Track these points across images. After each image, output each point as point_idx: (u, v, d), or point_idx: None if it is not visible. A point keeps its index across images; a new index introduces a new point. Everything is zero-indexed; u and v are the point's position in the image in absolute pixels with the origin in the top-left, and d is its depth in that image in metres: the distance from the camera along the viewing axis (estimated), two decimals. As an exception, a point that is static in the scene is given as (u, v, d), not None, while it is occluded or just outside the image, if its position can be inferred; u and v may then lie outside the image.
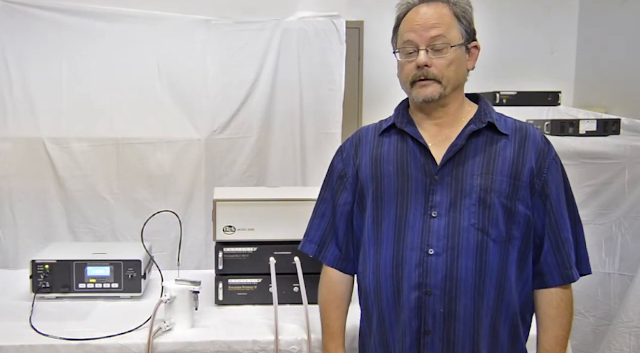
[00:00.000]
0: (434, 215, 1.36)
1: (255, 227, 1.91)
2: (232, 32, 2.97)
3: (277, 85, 3.02)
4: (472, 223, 1.34)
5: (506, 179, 1.35)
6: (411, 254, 1.37)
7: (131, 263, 1.94)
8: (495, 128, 1.39)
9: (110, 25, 2.90)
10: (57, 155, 2.89)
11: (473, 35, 1.41)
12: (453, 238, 1.34)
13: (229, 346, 1.66)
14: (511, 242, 1.35)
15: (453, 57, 1.36)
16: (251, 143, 3.03)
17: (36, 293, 1.89)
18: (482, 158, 1.37)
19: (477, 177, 1.35)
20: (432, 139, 1.42)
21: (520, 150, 1.38)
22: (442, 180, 1.37)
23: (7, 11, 2.82)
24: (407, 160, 1.42)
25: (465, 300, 1.34)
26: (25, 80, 2.87)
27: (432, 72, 1.36)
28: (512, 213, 1.35)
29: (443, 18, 1.36)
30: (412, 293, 1.36)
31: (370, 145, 1.50)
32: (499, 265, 1.34)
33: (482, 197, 1.34)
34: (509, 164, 1.36)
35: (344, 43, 3.00)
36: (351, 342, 1.65)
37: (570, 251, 1.39)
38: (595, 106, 3.19)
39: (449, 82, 1.37)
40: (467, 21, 1.39)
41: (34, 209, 2.91)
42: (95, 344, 1.62)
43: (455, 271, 1.33)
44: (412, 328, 1.37)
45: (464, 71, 1.41)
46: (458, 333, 1.35)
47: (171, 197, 2.96)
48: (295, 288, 1.90)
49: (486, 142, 1.39)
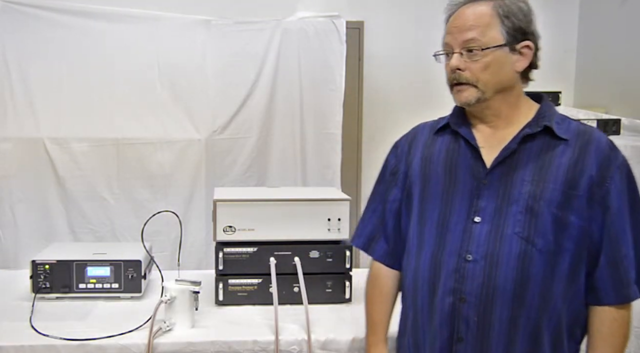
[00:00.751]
0: (477, 220, 1.31)
1: (255, 227, 1.91)
2: (232, 32, 2.97)
3: (277, 85, 3.02)
4: (516, 231, 1.28)
5: (559, 187, 1.27)
6: (449, 258, 1.33)
7: (131, 263, 1.94)
8: (553, 132, 1.31)
9: (110, 25, 2.90)
10: (57, 155, 2.89)
11: (522, 35, 1.31)
12: (494, 246, 1.29)
13: (229, 346, 1.66)
14: (560, 253, 1.27)
15: (489, 59, 1.30)
16: (251, 143, 3.03)
17: (36, 293, 1.88)
18: (535, 164, 1.30)
19: (527, 184, 1.28)
20: (485, 141, 1.36)
21: (579, 157, 1.28)
22: (489, 185, 1.32)
23: (7, 11, 2.83)
24: (457, 161, 1.38)
25: (501, 309, 1.28)
26: (25, 80, 2.87)
27: (465, 75, 1.32)
28: (563, 224, 1.27)
29: (481, 18, 1.30)
30: (446, 298, 1.33)
31: (423, 143, 1.47)
32: (543, 276, 1.27)
33: (529, 205, 1.27)
34: (563, 171, 1.28)
35: (344, 43, 3.00)
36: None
37: (629, 267, 1.29)
38: (595, 106, 3.19)
39: (486, 86, 1.31)
40: (513, 20, 1.30)
41: (34, 209, 2.91)
42: (95, 344, 1.62)
43: (493, 279, 1.28)
44: (442, 333, 1.34)
45: (508, 73, 1.32)
46: (491, 342, 1.29)
47: (171, 197, 2.96)
48: (295, 288, 1.90)
49: (542, 146, 1.31)
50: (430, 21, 3.52)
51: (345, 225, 1.93)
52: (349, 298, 1.95)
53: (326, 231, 1.93)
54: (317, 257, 1.92)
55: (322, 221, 1.93)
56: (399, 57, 3.34)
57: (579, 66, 3.43)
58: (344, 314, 1.85)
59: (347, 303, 1.95)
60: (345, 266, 1.94)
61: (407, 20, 3.34)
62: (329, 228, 1.93)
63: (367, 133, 3.25)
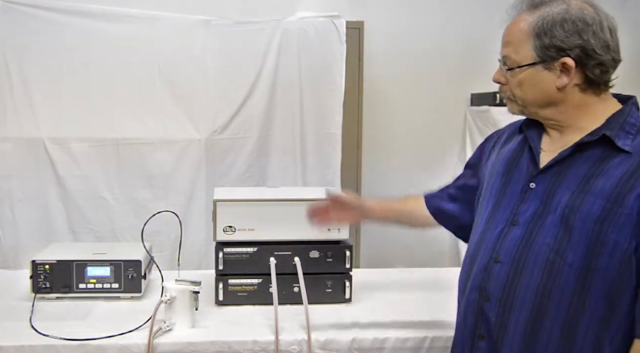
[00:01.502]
0: (514, 223, 1.29)
1: (255, 227, 1.91)
2: (232, 32, 2.97)
3: (277, 85, 3.02)
4: (547, 242, 1.23)
5: (601, 201, 1.19)
6: (483, 256, 1.33)
7: (131, 263, 1.94)
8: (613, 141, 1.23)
9: (110, 25, 2.90)
10: (57, 155, 2.89)
11: (559, 52, 1.24)
12: (522, 251, 1.26)
13: (229, 346, 1.66)
14: (596, 272, 1.18)
15: (522, 77, 1.28)
16: (251, 143, 3.03)
17: (36, 293, 1.88)
18: (586, 173, 1.23)
19: (568, 193, 1.23)
20: (551, 144, 1.32)
21: (636, 171, 1.18)
22: (536, 189, 1.29)
23: (7, 11, 2.82)
24: (517, 162, 1.36)
25: (518, 315, 1.25)
26: (25, 80, 2.87)
27: (504, 89, 1.33)
28: (601, 241, 1.18)
29: (515, 35, 1.28)
30: (473, 293, 1.34)
31: (505, 139, 1.49)
32: (572, 292, 1.20)
33: (565, 216, 1.22)
34: (612, 184, 1.19)
35: (344, 43, 3.00)
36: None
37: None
38: (595, 106, 3.18)
39: (524, 101, 1.30)
40: (548, 38, 1.24)
41: (34, 209, 2.91)
42: (95, 344, 1.62)
43: (515, 284, 1.26)
44: (466, 327, 1.36)
45: (548, 90, 1.27)
46: (505, 346, 1.28)
47: (171, 197, 2.96)
48: (295, 288, 1.90)
49: (599, 156, 1.23)
50: (430, 21, 3.54)
51: (346, 225, 1.93)
52: (349, 298, 1.95)
53: (326, 231, 1.93)
54: (317, 257, 1.92)
55: (322, 221, 1.93)
56: (399, 57, 3.34)
57: (579, 66, 3.43)
58: (344, 314, 1.85)
59: (347, 303, 1.95)
60: (345, 266, 1.94)
61: (407, 20, 3.34)
62: (329, 228, 1.93)
63: (367, 133, 3.25)
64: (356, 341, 1.68)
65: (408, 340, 1.68)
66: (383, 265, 2.72)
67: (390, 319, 1.80)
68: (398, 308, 1.86)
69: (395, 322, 1.76)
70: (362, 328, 1.75)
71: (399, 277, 2.15)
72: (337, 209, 1.72)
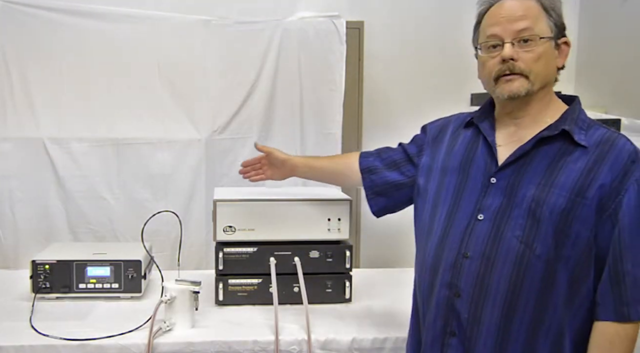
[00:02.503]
0: (480, 218, 1.31)
1: (255, 227, 1.91)
2: (232, 32, 2.97)
3: (277, 85, 3.01)
4: (516, 235, 1.26)
5: (565, 193, 1.24)
6: (449, 253, 1.34)
7: (131, 263, 1.94)
8: (572, 136, 1.28)
9: (110, 25, 2.89)
10: (57, 155, 2.88)
11: (562, 30, 1.32)
12: (492, 245, 1.28)
13: (229, 346, 1.66)
14: (560, 261, 1.24)
15: (542, 50, 1.28)
16: (251, 143, 3.00)
17: (36, 293, 1.89)
18: (547, 168, 1.27)
19: (533, 187, 1.26)
20: (506, 139, 1.35)
21: (594, 165, 1.24)
22: (498, 183, 1.31)
23: (7, 11, 2.82)
24: (473, 157, 1.38)
25: (492, 309, 1.28)
26: (25, 80, 2.86)
27: (519, 65, 1.29)
28: (565, 232, 1.24)
29: (530, 10, 1.29)
30: (442, 290, 1.35)
31: (451, 133, 1.48)
32: (540, 283, 1.25)
33: (532, 209, 1.25)
34: (574, 178, 1.24)
35: (344, 43, 3.00)
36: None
37: (632, 286, 1.23)
38: (595, 106, 3.18)
39: (537, 77, 1.29)
40: (557, 14, 1.30)
41: (34, 209, 2.90)
42: (95, 344, 1.62)
43: (487, 279, 1.28)
44: (435, 325, 1.37)
45: (553, 68, 1.32)
46: (478, 341, 1.30)
47: (171, 197, 2.96)
48: (295, 288, 1.90)
49: (558, 151, 1.28)
50: (430, 21, 3.54)
51: (345, 225, 1.94)
52: (349, 298, 1.95)
53: (326, 231, 1.93)
54: (317, 257, 1.92)
55: (322, 221, 1.93)
56: (399, 57, 3.34)
57: (579, 66, 3.43)
58: (344, 314, 1.86)
59: (347, 303, 1.95)
60: (345, 266, 1.94)
61: (407, 20, 3.33)
62: (329, 228, 1.93)
63: (367, 133, 3.25)
64: (356, 341, 1.69)
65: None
66: (383, 265, 2.72)
67: (390, 319, 1.81)
68: (398, 308, 1.86)
69: (395, 322, 1.76)
70: (362, 328, 1.75)
71: (399, 277, 2.15)
72: (268, 165, 1.83)
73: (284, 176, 1.84)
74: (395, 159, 1.62)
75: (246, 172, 1.86)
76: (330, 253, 1.93)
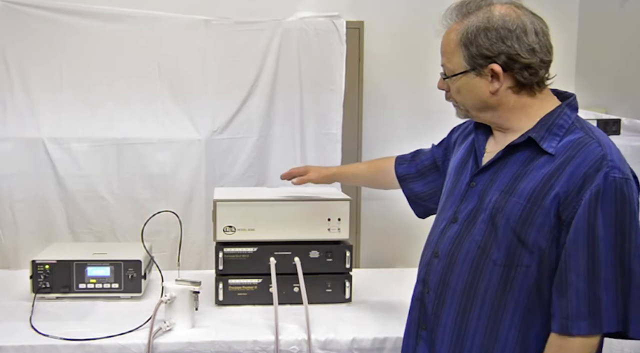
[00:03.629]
0: (454, 220, 1.37)
1: (255, 227, 1.91)
2: (232, 32, 2.97)
3: (277, 85, 3.01)
4: (476, 239, 1.30)
5: (522, 202, 1.24)
6: (427, 252, 1.43)
7: (131, 263, 1.94)
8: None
9: (110, 25, 2.89)
10: (57, 155, 2.88)
11: (486, 59, 1.27)
12: (456, 247, 1.34)
13: (229, 346, 1.66)
14: (516, 268, 1.25)
15: (458, 84, 1.34)
16: (251, 143, 3.02)
17: (36, 293, 1.89)
18: (513, 174, 1.28)
19: (497, 193, 1.29)
20: (493, 145, 1.38)
21: (555, 172, 1.22)
22: (476, 188, 1.35)
23: (7, 11, 2.82)
24: (466, 162, 1.43)
25: (449, 308, 1.34)
26: (25, 80, 2.86)
27: (447, 95, 1.40)
28: (522, 240, 1.24)
29: (448, 45, 1.33)
30: (418, 286, 1.44)
31: (464, 137, 1.54)
32: (496, 287, 1.27)
33: (492, 215, 1.28)
34: (533, 186, 1.23)
35: (344, 43, 3.00)
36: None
37: (575, 299, 1.18)
38: (595, 106, 3.18)
39: (465, 106, 1.36)
40: (474, 47, 1.27)
41: (34, 209, 2.90)
42: (95, 344, 1.62)
43: (448, 278, 1.34)
44: (412, 316, 1.45)
45: (483, 95, 1.31)
46: (438, 337, 1.36)
47: (171, 197, 2.96)
48: (295, 288, 1.90)
49: (527, 157, 1.28)
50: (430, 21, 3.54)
51: (345, 225, 1.94)
52: (349, 298, 1.95)
53: (326, 231, 1.93)
54: (317, 257, 1.92)
55: (322, 221, 1.93)
56: (399, 57, 3.33)
57: (579, 66, 3.43)
58: (344, 314, 1.86)
59: (347, 303, 1.95)
60: (345, 266, 1.94)
61: (407, 20, 3.33)
62: (329, 228, 1.93)
63: (367, 133, 3.25)
64: (356, 341, 1.69)
65: (408, 340, 1.68)
66: (383, 265, 2.72)
67: (390, 319, 1.81)
68: (398, 308, 1.86)
69: (395, 322, 1.77)
70: (362, 328, 1.75)
71: (399, 277, 2.15)
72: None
73: (326, 183, 1.96)
74: (425, 165, 1.72)
75: (289, 175, 1.95)
76: (330, 253, 1.93)
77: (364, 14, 3.21)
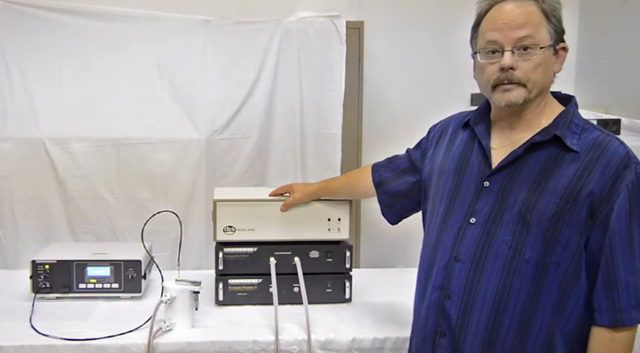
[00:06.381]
0: (472, 222, 1.32)
1: (255, 227, 1.91)
2: (232, 32, 2.97)
3: (277, 85, 3.02)
4: (505, 239, 1.27)
5: (555, 200, 1.23)
6: (442, 256, 1.36)
7: (131, 263, 1.94)
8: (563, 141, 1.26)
9: (110, 25, 2.89)
10: (57, 155, 2.88)
11: (561, 35, 1.29)
12: (482, 249, 1.29)
13: (229, 346, 1.66)
14: (550, 267, 1.24)
15: (541, 59, 1.26)
16: (251, 143, 3.02)
17: (36, 293, 1.89)
18: (539, 172, 1.26)
19: (524, 192, 1.26)
20: (500, 142, 1.35)
21: (585, 170, 1.23)
22: (491, 187, 1.31)
23: (7, 11, 2.82)
24: (468, 159, 1.38)
25: (480, 312, 1.29)
26: (25, 80, 2.87)
27: (517, 75, 1.26)
28: (555, 238, 1.23)
29: (531, 16, 1.26)
30: (434, 292, 1.36)
31: (451, 133, 1.48)
32: (529, 288, 1.25)
33: (522, 214, 1.25)
34: (565, 184, 1.23)
35: (344, 43, 3.00)
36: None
37: (625, 292, 1.22)
38: (595, 106, 3.18)
39: (534, 86, 1.27)
40: (557, 19, 1.28)
41: (34, 209, 2.91)
42: (95, 344, 1.62)
43: (476, 282, 1.29)
44: (427, 324, 1.38)
45: (551, 74, 1.31)
46: (467, 342, 1.31)
47: (171, 197, 2.96)
48: (295, 288, 1.90)
49: (550, 155, 1.27)
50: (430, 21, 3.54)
51: (345, 225, 1.94)
52: (349, 298, 1.95)
53: (326, 231, 1.93)
54: (317, 257, 1.92)
55: (322, 221, 1.93)
56: (399, 57, 3.34)
57: (579, 66, 3.43)
58: (344, 314, 1.86)
59: (347, 303, 1.95)
60: (345, 266, 1.94)
61: (407, 20, 3.33)
62: (329, 228, 1.93)
63: (367, 133, 3.25)
64: (356, 341, 1.69)
65: (408, 340, 1.68)
66: (383, 265, 2.72)
67: (390, 319, 1.81)
68: (398, 308, 1.86)
69: (395, 322, 1.77)
70: (362, 328, 1.75)
71: (399, 277, 2.15)
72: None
73: (310, 199, 1.92)
74: (402, 168, 1.64)
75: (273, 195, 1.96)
76: (330, 253, 1.93)
77: (364, 14, 3.21)
